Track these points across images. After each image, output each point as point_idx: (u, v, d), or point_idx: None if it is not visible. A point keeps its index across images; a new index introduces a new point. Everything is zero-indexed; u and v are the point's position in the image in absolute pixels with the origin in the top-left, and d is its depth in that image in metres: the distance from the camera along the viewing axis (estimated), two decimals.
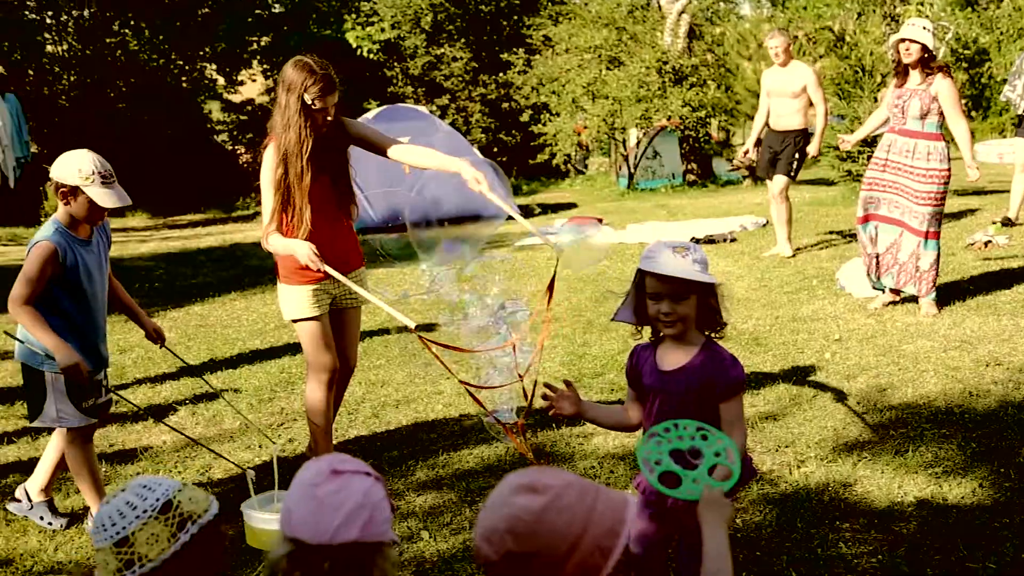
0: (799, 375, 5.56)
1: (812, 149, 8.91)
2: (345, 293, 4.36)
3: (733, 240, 10.53)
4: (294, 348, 6.69)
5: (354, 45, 20.74)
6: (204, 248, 12.31)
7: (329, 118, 4.08)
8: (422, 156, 4.34)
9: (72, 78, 18.08)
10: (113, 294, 4.16)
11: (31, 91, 16.83)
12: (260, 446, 4.94)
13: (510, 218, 4.07)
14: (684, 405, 2.67)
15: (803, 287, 7.83)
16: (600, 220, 12.91)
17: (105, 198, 3.83)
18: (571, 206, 16.11)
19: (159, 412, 5.57)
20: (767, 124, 9.23)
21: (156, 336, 4.28)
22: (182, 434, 4.49)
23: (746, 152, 9.59)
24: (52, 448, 4.20)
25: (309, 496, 1.81)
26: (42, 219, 14.89)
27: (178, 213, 16.97)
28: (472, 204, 14.42)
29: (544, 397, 2.84)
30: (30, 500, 4.17)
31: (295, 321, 4.31)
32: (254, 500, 3.98)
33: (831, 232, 10.41)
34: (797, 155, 8.96)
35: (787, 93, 8.91)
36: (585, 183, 20.27)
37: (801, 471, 4.22)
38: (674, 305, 2.67)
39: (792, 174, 9.03)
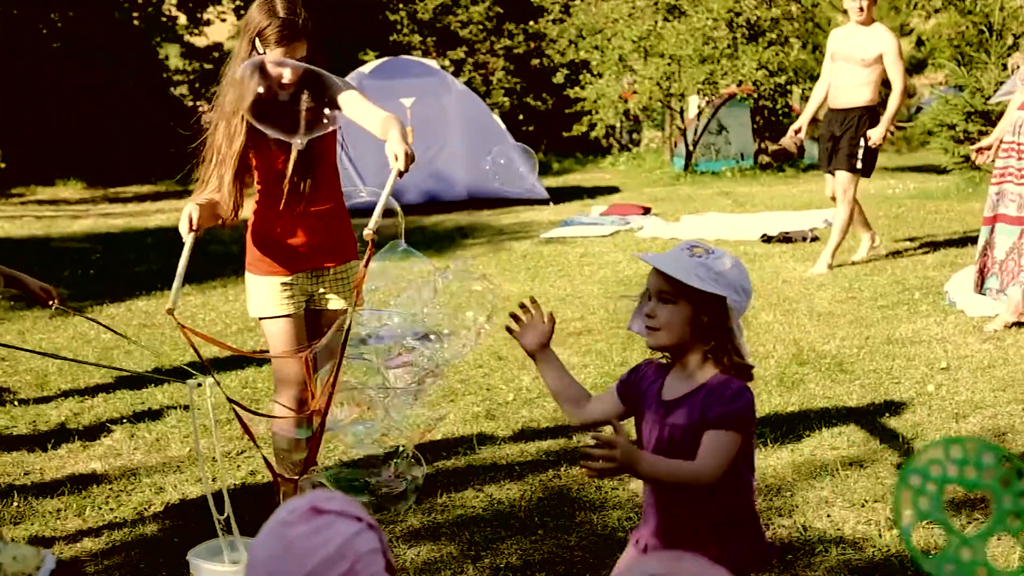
0: (894, 411, 5.53)
1: (875, 135, 8.64)
2: (325, 290, 4.37)
3: (815, 239, 10.50)
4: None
5: None
6: (153, 228, 12.40)
7: (283, 75, 4.06)
8: (358, 110, 4.25)
9: None
10: None
11: None
12: (213, 479, 4.95)
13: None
14: (680, 445, 2.68)
15: (902, 301, 7.79)
16: (647, 209, 12.91)
17: None
18: (613, 190, 16.12)
19: (89, 433, 5.59)
20: (826, 99, 9.03)
21: (45, 295, 4.21)
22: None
23: (796, 131, 9.18)
24: None
25: (277, 536, 1.81)
26: None
27: (122, 184, 17.08)
28: (489, 187, 14.23)
29: (512, 316, 2.91)
30: None
31: (261, 319, 4.34)
32: (202, 548, 3.99)
33: (940, 233, 10.35)
34: (863, 142, 8.70)
35: (857, 59, 8.71)
36: (631, 162, 20.27)
37: (894, 533, 4.19)
38: (658, 306, 2.71)
39: (859, 167, 8.77)
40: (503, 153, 4.38)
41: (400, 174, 3.84)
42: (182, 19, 21.64)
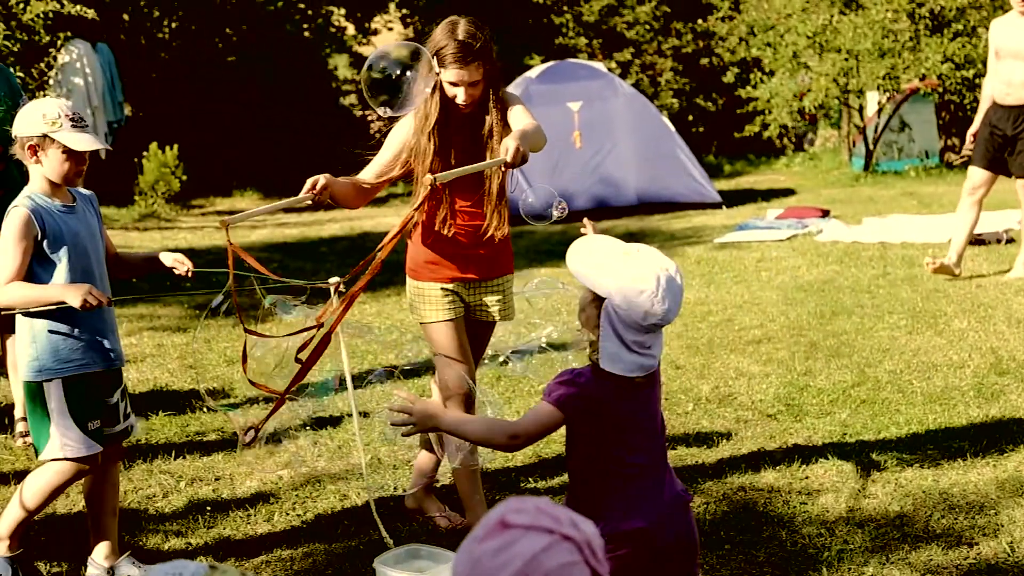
0: None
1: None
2: (483, 301, 4.54)
3: (1010, 241, 10.12)
4: None
5: None
6: (327, 237, 12.76)
7: (459, 97, 4.27)
8: (518, 121, 4.41)
9: (174, 24, 19.00)
10: (120, 267, 4.37)
11: (125, 40, 17.75)
12: (395, 488, 5.07)
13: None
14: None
15: None
16: (826, 212, 12.65)
17: (79, 142, 4.04)
18: (788, 192, 15.85)
19: (273, 440, 5.79)
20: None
21: (179, 265, 4.40)
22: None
23: (974, 135, 8.76)
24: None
25: (467, 552, 1.81)
26: (136, 197, 15.74)
27: (295, 193, 17.54)
28: (663, 191, 14.22)
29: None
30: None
31: (424, 324, 4.52)
32: (389, 556, 4.10)
33: None
34: None
35: None
36: (807, 163, 19.89)
37: None
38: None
39: None
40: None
41: (506, 165, 4.08)
42: (350, 29, 22.19)
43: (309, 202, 4.29)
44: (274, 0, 19.83)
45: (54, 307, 3.97)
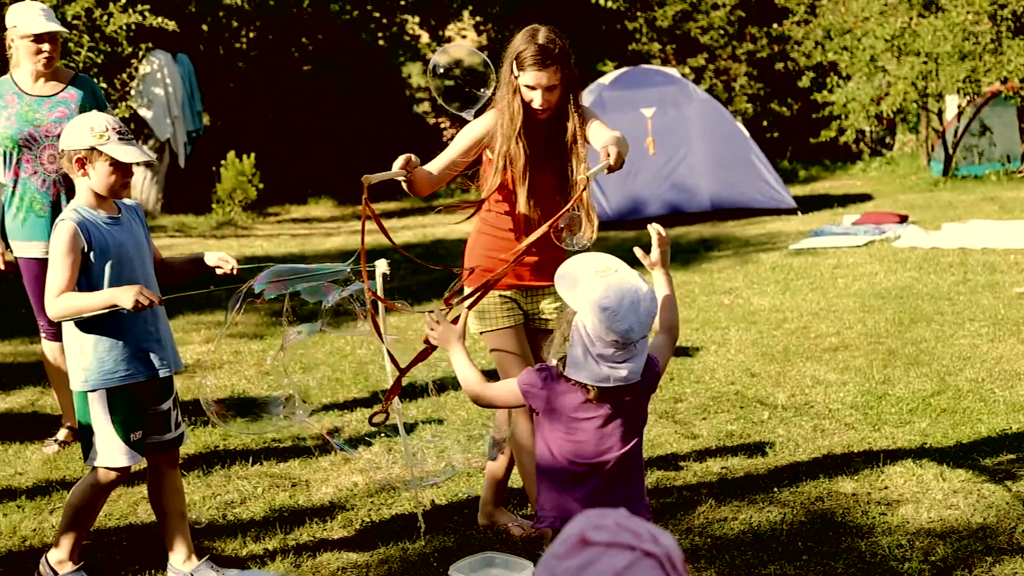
0: None
1: None
2: (540, 308, 4.58)
3: None
4: None
5: None
6: (401, 245, 12.81)
7: (536, 100, 4.32)
8: (596, 135, 4.48)
9: (251, 34, 19.27)
10: (166, 272, 4.42)
11: (205, 51, 18.03)
12: (466, 495, 5.08)
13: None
14: None
15: None
16: (904, 217, 12.46)
17: (127, 154, 4.11)
18: (866, 198, 15.64)
19: (350, 444, 5.84)
20: None
21: (224, 263, 4.45)
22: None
23: None
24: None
25: (548, 569, 1.79)
26: (214, 205, 15.98)
27: (371, 201, 17.71)
28: (738, 196, 14.22)
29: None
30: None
31: (484, 333, 4.56)
32: (464, 563, 4.11)
33: None
34: None
35: None
36: (884, 168, 19.62)
37: None
38: None
39: None
40: None
41: (609, 169, 4.13)
42: (424, 37, 22.33)
43: (401, 178, 4.37)
44: (350, 9, 20.02)
45: (107, 311, 4.02)
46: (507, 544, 4.56)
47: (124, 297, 3.98)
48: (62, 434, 6.00)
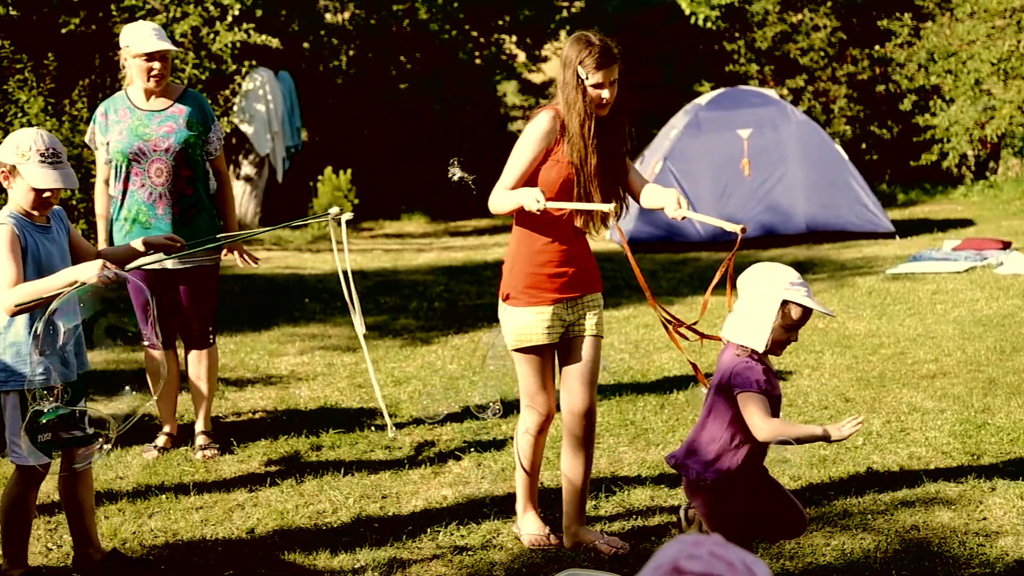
0: None
1: None
2: (580, 318, 4.65)
3: None
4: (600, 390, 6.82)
5: (687, 11, 20.91)
6: (492, 261, 12.89)
7: (605, 95, 4.49)
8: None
9: (351, 52, 19.56)
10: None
11: (306, 68, 18.34)
12: (552, 515, 5.09)
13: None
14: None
15: None
16: (1007, 244, 12.18)
17: (39, 178, 4.15)
18: (967, 223, 15.33)
19: (438, 460, 5.90)
20: None
21: (172, 242, 4.58)
22: None
23: None
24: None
25: None
26: None
27: (462, 217, 17.85)
28: (834, 219, 14.02)
29: None
30: None
31: (517, 351, 4.63)
32: None
33: None
34: None
35: None
36: (987, 192, 19.20)
37: None
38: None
39: None
40: None
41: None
42: (521, 56, 22.46)
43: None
44: (448, 29, 20.22)
45: (68, 289, 4.05)
46: (595, 562, 4.56)
47: (86, 272, 4.04)
48: (162, 440, 6.15)
